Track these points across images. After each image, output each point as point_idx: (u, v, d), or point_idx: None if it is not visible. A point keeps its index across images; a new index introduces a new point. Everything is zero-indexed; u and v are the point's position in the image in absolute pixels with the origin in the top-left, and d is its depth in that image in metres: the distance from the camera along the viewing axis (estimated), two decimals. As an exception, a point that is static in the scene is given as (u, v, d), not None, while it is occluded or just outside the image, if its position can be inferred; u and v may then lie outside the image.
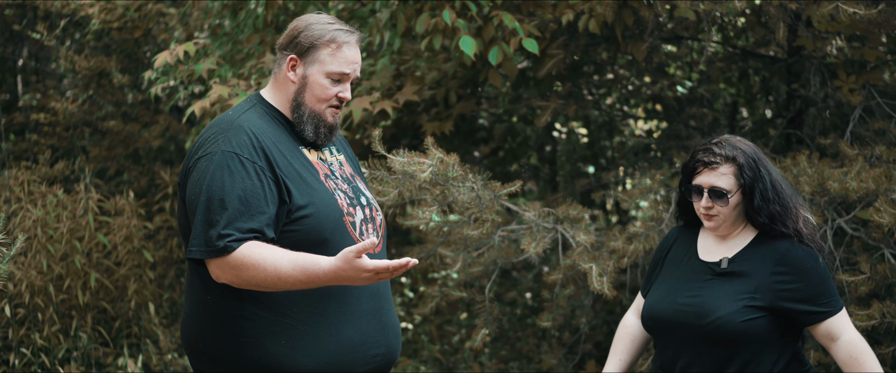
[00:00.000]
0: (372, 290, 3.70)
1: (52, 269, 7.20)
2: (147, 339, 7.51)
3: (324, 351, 3.59)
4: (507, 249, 5.97)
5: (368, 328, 3.68)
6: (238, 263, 3.39)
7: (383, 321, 3.75)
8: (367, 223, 3.74)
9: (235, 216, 3.42)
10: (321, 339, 3.59)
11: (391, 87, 6.54)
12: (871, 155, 5.50)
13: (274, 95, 3.75)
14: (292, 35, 3.70)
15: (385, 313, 3.77)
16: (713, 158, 3.84)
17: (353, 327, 3.64)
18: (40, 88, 10.72)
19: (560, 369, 7.00)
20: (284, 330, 3.56)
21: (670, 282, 3.98)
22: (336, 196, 3.66)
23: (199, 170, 3.53)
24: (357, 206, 3.73)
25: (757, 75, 7.51)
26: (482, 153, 8.59)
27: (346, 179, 3.80)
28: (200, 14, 7.99)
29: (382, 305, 3.75)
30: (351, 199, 3.72)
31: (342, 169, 3.83)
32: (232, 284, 3.46)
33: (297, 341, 3.56)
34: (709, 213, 3.87)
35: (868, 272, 5.26)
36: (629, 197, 6.42)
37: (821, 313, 3.76)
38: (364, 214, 3.74)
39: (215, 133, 3.59)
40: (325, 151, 3.81)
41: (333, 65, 3.67)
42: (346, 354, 3.61)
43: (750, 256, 3.85)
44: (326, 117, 3.71)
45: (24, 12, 10.11)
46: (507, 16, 5.67)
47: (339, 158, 3.86)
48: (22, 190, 7.75)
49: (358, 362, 3.65)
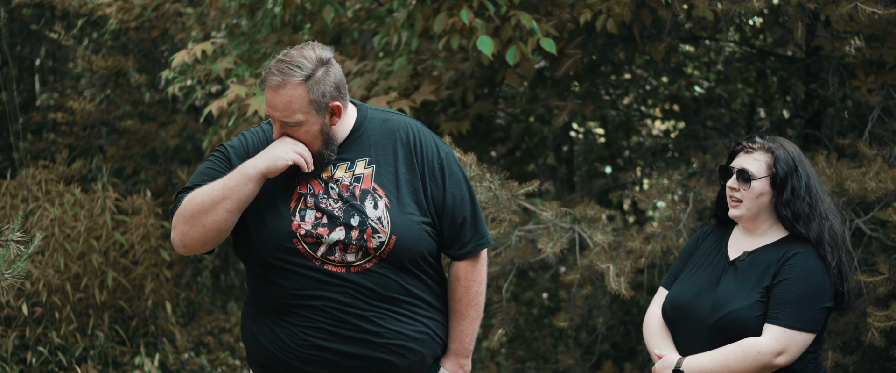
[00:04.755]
0: (331, 306, 3.69)
1: (69, 268, 7.21)
2: (164, 338, 7.53)
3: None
4: (524, 248, 5.96)
5: (321, 342, 3.70)
6: (181, 208, 3.60)
7: (349, 336, 3.71)
8: (347, 245, 3.63)
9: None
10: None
11: (408, 86, 6.53)
12: (889, 155, 5.48)
13: None
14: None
15: (356, 329, 3.72)
16: (752, 144, 3.91)
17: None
18: (58, 88, 10.75)
19: (577, 369, 6.98)
20: (264, 317, 3.75)
21: (695, 275, 4.01)
22: (294, 218, 3.64)
23: None
24: (337, 227, 3.63)
25: (774, 75, 7.48)
26: (499, 153, 8.58)
27: (347, 197, 3.67)
28: (218, 14, 8.00)
29: (348, 322, 3.70)
30: (332, 219, 3.64)
31: (351, 186, 3.70)
32: (183, 237, 3.61)
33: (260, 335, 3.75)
34: (733, 195, 3.89)
35: (887, 273, 5.23)
36: (646, 197, 6.40)
37: (772, 317, 3.76)
38: (345, 235, 3.63)
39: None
40: (339, 167, 3.71)
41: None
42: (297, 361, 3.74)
43: (770, 253, 3.85)
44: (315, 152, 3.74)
45: (41, 12, 10.13)
46: (525, 15, 5.66)
47: (361, 173, 3.72)
48: (39, 189, 7.76)
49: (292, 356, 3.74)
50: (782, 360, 3.74)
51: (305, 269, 3.63)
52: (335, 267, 3.62)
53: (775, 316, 3.75)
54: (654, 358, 4.03)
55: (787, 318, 3.73)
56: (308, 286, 3.64)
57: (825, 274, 3.79)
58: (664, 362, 3.95)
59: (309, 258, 3.62)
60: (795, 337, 3.73)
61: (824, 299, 3.78)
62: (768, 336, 3.74)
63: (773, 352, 3.73)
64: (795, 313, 3.73)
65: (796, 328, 3.73)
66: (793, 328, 3.73)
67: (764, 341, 3.74)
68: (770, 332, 3.75)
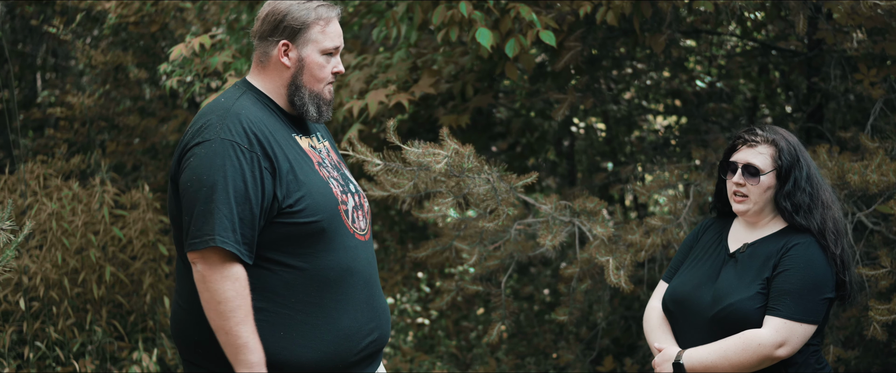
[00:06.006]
0: (365, 279, 3.71)
1: (67, 262, 7.19)
2: (162, 333, 7.49)
3: (321, 340, 3.59)
4: (523, 243, 5.93)
5: (362, 316, 3.69)
6: (230, 274, 3.43)
7: (374, 307, 3.76)
8: (358, 210, 3.76)
9: (239, 218, 3.44)
10: (318, 328, 3.59)
11: (407, 80, 6.51)
12: (891, 148, 5.45)
13: (263, 83, 3.73)
14: (275, 20, 3.67)
15: (375, 299, 3.78)
16: (754, 137, 3.88)
17: (348, 317, 3.65)
18: (59, 84, 10.73)
19: (577, 364, 6.95)
20: (282, 321, 3.55)
21: (695, 267, 4.00)
22: (330, 185, 3.66)
23: (198, 157, 3.49)
24: (348, 193, 3.74)
25: (777, 70, 7.45)
26: (500, 148, 8.55)
27: (335, 166, 3.81)
28: (217, 9, 7.97)
29: (373, 291, 3.77)
30: (343, 186, 3.74)
31: (330, 156, 3.84)
32: (197, 281, 3.48)
33: (294, 332, 3.56)
34: (739, 190, 3.86)
35: (889, 266, 5.20)
36: (647, 191, 6.37)
37: (772, 309, 3.73)
38: (354, 201, 3.76)
39: (211, 120, 3.56)
40: (313, 138, 3.81)
41: (327, 41, 3.69)
42: (343, 342, 3.62)
43: (771, 244, 3.82)
44: (325, 94, 3.75)
45: (42, 8, 10.11)
46: (524, 8, 5.62)
47: (325, 146, 3.87)
48: (37, 183, 7.74)
49: (353, 349, 3.66)
50: (783, 352, 3.71)
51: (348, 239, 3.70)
52: (359, 235, 3.74)
53: (776, 308, 3.72)
54: (653, 351, 4.01)
55: (787, 309, 3.70)
56: (352, 257, 3.68)
57: (826, 264, 3.76)
58: (664, 356, 3.92)
59: (348, 227, 3.70)
60: (796, 329, 3.70)
61: (825, 290, 3.75)
62: (769, 328, 3.71)
63: (773, 344, 3.70)
64: (796, 305, 3.70)
65: (797, 320, 3.70)
66: (793, 320, 3.70)
67: (764, 332, 3.71)
68: (770, 323, 3.72)
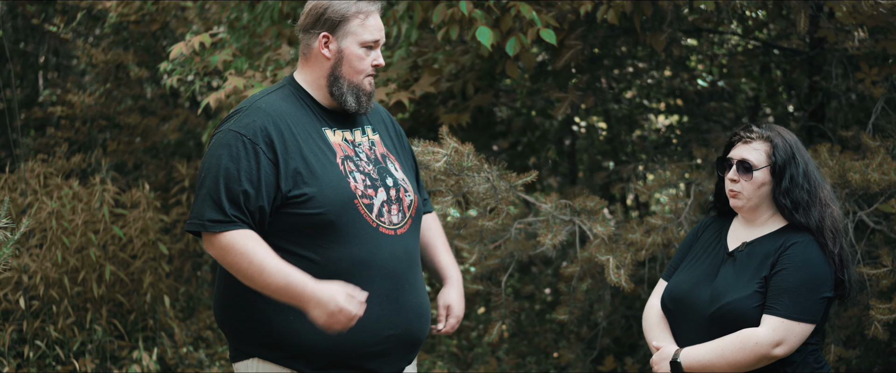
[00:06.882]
0: (387, 272, 3.73)
1: (67, 261, 7.18)
2: (162, 332, 7.49)
3: None
4: (524, 242, 5.92)
5: (379, 309, 3.70)
6: (226, 245, 3.53)
7: (400, 302, 3.76)
8: (391, 204, 3.78)
9: (226, 196, 3.55)
10: None
11: (408, 78, 6.50)
12: (893, 147, 5.44)
13: (304, 76, 3.85)
14: (317, 14, 3.77)
15: (404, 294, 3.78)
16: (749, 134, 3.88)
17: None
18: (60, 83, 10.72)
19: (578, 364, 6.94)
20: (290, 306, 3.59)
21: (694, 266, 3.99)
22: (350, 179, 3.69)
23: (208, 147, 3.67)
24: (379, 187, 3.77)
25: (778, 69, 7.44)
26: (501, 147, 8.54)
27: (375, 160, 3.84)
28: (218, 7, 7.97)
29: (400, 286, 3.77)
30: (373, 180, 3.76)
31: (373, 149, 3.88)
32: (218, 261, 3.62)
33: (304, 317, 3.59)
34: (733, 187, 3.85)
35: (890, 265, 5.19)
36: (648, 190, 6.36)
37: (770, 307, 3.72)
38: (388, 195, 3.78)
39: (232, 113, 3.73)
40: (355, 132, 3.87)
41: (366, 34, 3.76)
42: (354, 332, 3.62)
43: (769, 243, 3.81)
44: (365, 86, 3.81)
45: (43, 7, 10.11)
46: (525, 6, 5.61)
47: (372, 138, 3.92)
48: (38, 182, 7.73)
49: (368, 340, 3.68)
50: (780, 351, 3.69)
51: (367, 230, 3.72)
52: (386, 229, 3.74)
53: (773, 306, 3.71)
54: (652, 350, 3.99)
55: (785, 308, 3.69)
56: (371, 250, 3.70)
57: (824, 263, 3.75)
58: (661, 354, 3.91)
59: (368, 220, 3.72)
60: (794, 328, 3.69)
61: (824, 288, 3.73)
62: (766, 327, 3.70)
63: (770, 343, 3.68)
64: (794, 304, 3.69)
65: (795, 319, 3.69)
66: (791, 319, 3.69)
67: (761, 331, 3.70)
68: (768, 322, 3.70)
